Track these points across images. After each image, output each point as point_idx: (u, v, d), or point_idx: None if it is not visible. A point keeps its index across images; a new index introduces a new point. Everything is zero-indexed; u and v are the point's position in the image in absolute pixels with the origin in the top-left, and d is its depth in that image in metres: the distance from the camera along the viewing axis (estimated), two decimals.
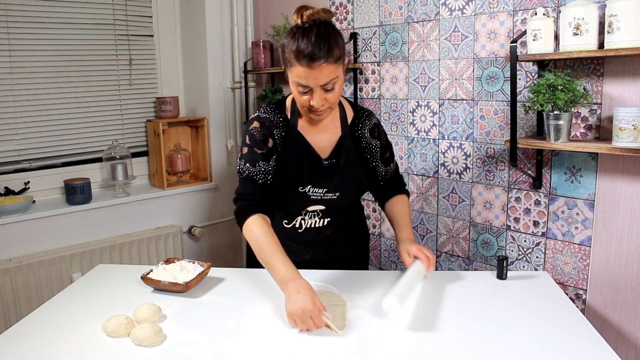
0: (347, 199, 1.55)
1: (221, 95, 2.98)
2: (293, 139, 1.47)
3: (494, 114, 2.03)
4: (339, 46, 1.31)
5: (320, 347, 1.16)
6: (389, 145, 1.62)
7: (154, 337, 1.17)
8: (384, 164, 1.59)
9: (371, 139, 1.55)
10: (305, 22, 1.30)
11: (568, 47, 1.63)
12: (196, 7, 2.89)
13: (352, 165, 1.51)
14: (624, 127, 1.55)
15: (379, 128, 1.58)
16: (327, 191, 1.49)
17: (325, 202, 1.51)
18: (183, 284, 1.42)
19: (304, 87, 1.32)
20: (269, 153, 1.44)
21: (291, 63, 1.31)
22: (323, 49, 1.27)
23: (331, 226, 1.57)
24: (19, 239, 2.34)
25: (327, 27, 1.31)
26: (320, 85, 1.31)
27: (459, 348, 1.14)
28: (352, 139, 1.52)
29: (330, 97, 1.34)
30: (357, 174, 1.52)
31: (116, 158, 2.64)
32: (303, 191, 1.48)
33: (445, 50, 2.14)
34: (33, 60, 2.50)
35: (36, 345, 1.18)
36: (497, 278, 1.51)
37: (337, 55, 1.29)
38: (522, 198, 1.99)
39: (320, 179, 1.48)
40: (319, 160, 1.49)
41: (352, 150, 1.51)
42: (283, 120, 1.48)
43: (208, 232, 2.99)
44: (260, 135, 1.45)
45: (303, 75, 1.29)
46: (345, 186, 1.51)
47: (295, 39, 1.29)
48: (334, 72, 1.30)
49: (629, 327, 1.75)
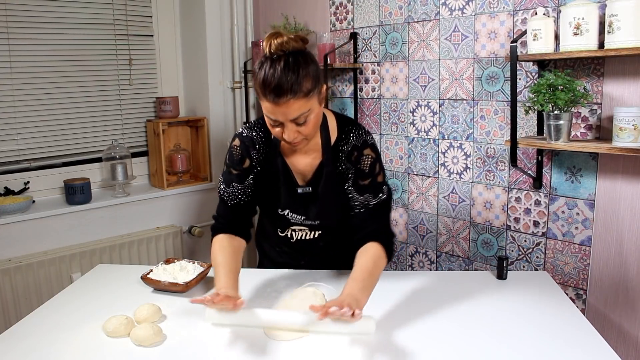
0: (330, 223, 1.47)
1: (221, 95, 2.98)
2: (273, 160, 1.42)
3: (494, 114, 2.03)
4: (310, 77, 1.21)
5: (321, 347, 1.16)
6: (372, 173, 1.39)
7: (154, 337, 1.17)
8: (357, 191, 1.39)
9: (347, 163, 1.40)
10: (274, 52, 1.21)
11: (568, 47, 1.63)
12: (196, 7, 2.88)
13: (331, 192, 1.41)
14: (624, 127, 1.55)
15: (361, 152, 1.39)
16: (305, 219, 1.45)
17: (307, 226, 1.48)
18: (183, 284, 1.42)
19: (273, 120, 1.25)
20: (244, 174, 1.42)
21: (259, 96, 1.24)
22: (290, 83, 1.17)
23: (324, 238, 1.51)
24: (18, 239, 2.33)
25: (297, 57, 1.20)
26: (291, 120, 1.22)
27: (459, 348, 1.14)
28: (334, 162, 1.40)
29: (303, 130, 1.25)
30: (337, 200, 1.42)
31: (116, 158, 2.64)
32: (282, 214, 1.45)
33: (446, 50, 2.14)
34: (33, 60, 2.50)
35: (36, 345, 1.18)
36: (497, 278, 1.51)
37: (307, 89, 1.20)
38: (522, 198, 1.99)
39: (297, 206, 1.44)
40: (295, 187, 1.43)
41: (332, 175, 1.40)
42: (265, 139, 1.41)
43: (208, 232, 2.97)
44: (238, 155, 1.42)
45: (270, 110, 1.22)
46: (325, 215, 1.44)
47: (262, 70, 1.20)
48: (304, 106, 1.21)
49: (629, 327, 1.75)
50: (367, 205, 1.38)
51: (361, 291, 1.21)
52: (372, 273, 1.28)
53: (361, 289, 1.21)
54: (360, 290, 1.21)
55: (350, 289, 1.20)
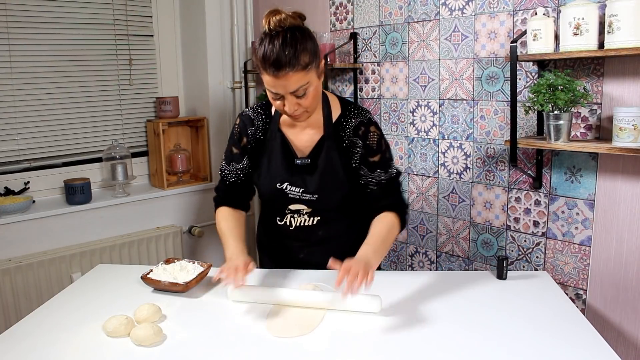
0: (329, 202, 1.49)
1: (221, 95, 2.98)
2: (273, 135, 1.48)
3: (494, 114, 2.03)
4: (308, 51, 1.28)
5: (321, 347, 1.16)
6: (380, 149, 1.46)
7: (154, 337, 1.17)
8: (368, 168, 1.46)
9: (353, 137, 1.45)
10: (273, 28, 1.27)
11: (568, 47, 1.63)
12: (196, 7, 2.88)
13: (331, 166, 1.45)
14: (624, 127, 1.55)
15: (367, 127, 1.45)
16: (303, 191, 1.46)
17: (305, 203, 1.49)
18: (183, 284, 1.42)
19: (274, 94, 1.31)
20: (242, 153, 1.53)
21: (260, 70, 1.30)
22: (288, 57, 1.24)
23: (323, 226, 1.52)
24: (18, 239, 2.33)
25: (294, 33, 1.27)
26: (290, 92, 1.29)
27: (459, 348, 1.14)
28: (335, 138, 1.46)
29: (303, 102, 1.32)
30: (337, 176, 1.46)
31: (116, 158, 2.64)
32: (280, 188, 1.47)
33: (445, 50, 2.14)
34: (33, 60, 2.50)
35: (36, 345, 1.18)
36: (497, 278, 1.51)
37: (305, 62, 1.26)
38: (522, 198, 1.99)
39: (296, 178, 1.46)
40: (293, 158, 1.47)
41: (333, 150, 1.45)
42: (266, 117, 1.50)
43: (208, 232, 2.99)
44: (237, 133, 1.53)
45: (270, 83, 1.29)
46: (324, 188, 1.45)
47: (262, 45, 1.27)
48: (303, 79, 1.28)
49: (629, 327, 1.75)
50: (380, 182, 1.46)
51: (374, 254, 1.31)
52: (385, 239, 1.39)
53: (374, 252, 1.32)
54: (373, 252, 1.31)
55: (364, 251, 1.31)
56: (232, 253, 1.41)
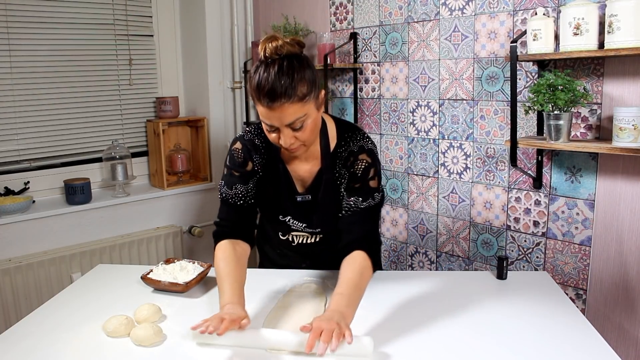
0: (332, 231, 1.41)
1: (221, 95, 2.98)
2: (274, 166, 1.40)
3: (494, 114, 2.03)
4: (306, 81, 1.18)
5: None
6: (365, 177, 1.35)
7: (154, 337, 1.17)
8: (347, 193, 1.36)
9: (342, 168, 1.38)
10: (269, 56, 1.19)
11: (568, 47, 1.63)
12: (196, 7, 2.88)
13: (331, 200, 1.39)
14: (624, 127, 1.55)
15: (356, 157, 1.35)
16: (306, 226, 1.45)
17: (308, 232, 1.47)
18: (183, 284, 1.42)
19: (269, 125, 1.22)
20: (247, 176, 1.39)
21: (254, 100, 1.21)
22: (284, 87, 1.15)
23: (324, 243, 1.50)
24: (19, 239, 2.33)
25: (292, 61, 1.18)
26: (286, 125, 1.20)
27: (459, 348, 1.14)
28: (333, 169, 1.38)
29: (300, 135, 1.22)
30: (337, 209, 1.38)
31: (116, 158, 2.64)
32: (283, 220, 1.45)
33: (445, 50, 2.14)
34: (33, 60, 2.50)
35: (36, 345, 1.18)
36: (497, 278, 1.51)
37: (302, 93, 1.17)
38: (522, 198, 1.99)
39: (299, 214, 1.43)
40: (294, 195, 1.42)
41: (331, 182, 1.38)
42: (266, 145, 1.39)
43: (208, 232, 2.98)
44: (240, 158, 1.39)
45: (265, 114, 1.19)
46: (326, 222, 1.42)
47: (257, 74, 1.18)
48: (300, 110, 1.18)
49: (629, 327, 1.75)
50: (356, 209, 1.33)
51: (347, 307, 1.16)
52: (358, 286, 1.22)
53: (347, 304, 1.16)
54: (347, 305, 1.16)
55: (336, 304, 1.15)
56: (226, 302, 1.19)
